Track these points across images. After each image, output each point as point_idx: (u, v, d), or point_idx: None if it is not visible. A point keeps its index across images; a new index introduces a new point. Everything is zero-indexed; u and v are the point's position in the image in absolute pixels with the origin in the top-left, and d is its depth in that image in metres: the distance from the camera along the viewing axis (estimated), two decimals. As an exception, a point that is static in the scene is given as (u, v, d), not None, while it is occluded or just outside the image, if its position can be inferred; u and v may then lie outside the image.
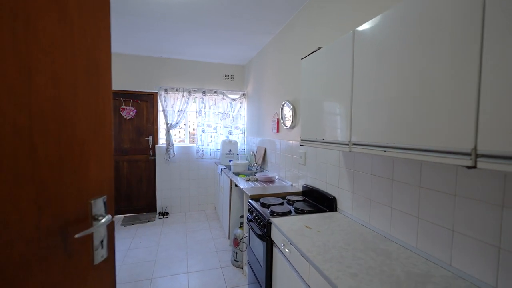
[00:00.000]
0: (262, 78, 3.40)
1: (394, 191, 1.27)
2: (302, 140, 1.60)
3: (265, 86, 3.26)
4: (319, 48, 1.41)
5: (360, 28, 1.09)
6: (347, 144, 1.16)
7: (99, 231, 0.80)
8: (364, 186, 1.49)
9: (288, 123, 2.47)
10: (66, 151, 0.71)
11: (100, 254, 0.81)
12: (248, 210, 2.01)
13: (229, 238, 2.94)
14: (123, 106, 3.81)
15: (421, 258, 1.09)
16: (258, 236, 1.71)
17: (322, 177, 1.93)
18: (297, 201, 1.97)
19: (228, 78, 4.24)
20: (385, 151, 0.94)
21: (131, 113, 3.84)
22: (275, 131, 2.82)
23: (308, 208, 1.76)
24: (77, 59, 0.73)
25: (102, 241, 0.81)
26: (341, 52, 1.22)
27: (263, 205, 1.88)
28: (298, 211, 1.74)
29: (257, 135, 3.65)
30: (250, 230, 1.95)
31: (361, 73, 1.08)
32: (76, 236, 0.69)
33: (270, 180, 2.64)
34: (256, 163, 3.33)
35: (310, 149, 2.10)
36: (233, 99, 4.17)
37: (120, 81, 3.74)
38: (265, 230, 1.62)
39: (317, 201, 1.92)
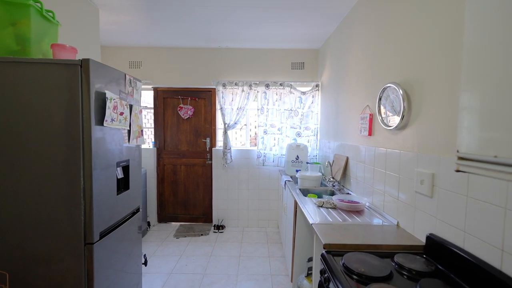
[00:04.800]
0: (344, 59, 2.44)
1: None
2: (467, 160, 0.65)
3: (350, 69, 2.29)
4: None
5: None
6: None
7: None
8: None
9: (393, 121, 1.48)
10: None
11: None
12: (322, 272, 1.16)
13: (291, 281, 2.13)
14: (181, 105, 3.50)
15: None
16: None
17: (485, 234, 0.91)
18: (423, 273, 1.00)
19: (297, 67, 3.42)
20: None
21: (188, 112, 3.50)
22: (366, 133, 1.84)
23: (461, 308, 0.79)
24: None
25: None
26: None
27: (349, 272, 1.00)
28: (435, 311, 0.79)
29: (334, 138, 2.70)
30: (324, 309, 1.10)
31: None
32: None
33: (356, 210, 1.70)
34: (333, 178, 2.40)
35: (449, 172, 1.08)
36: (303, 92, 3.32)
37: (178, 78, 3.42)
38: None
39: (473, 283, 0.91)
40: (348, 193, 2.13)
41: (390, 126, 1.50)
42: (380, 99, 1.61)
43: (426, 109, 1.24)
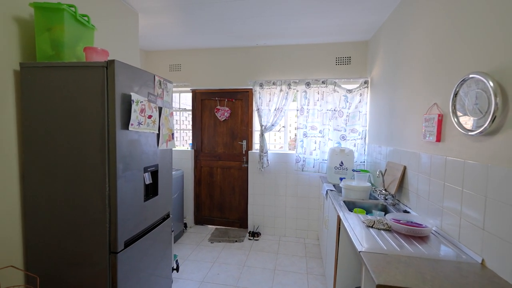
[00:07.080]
0: (402, 47, 2.05)
1: None
2: None
3: (410, 59, 1.91)
4: None
5: None
6: None
7: None
8: None
9: (476, 123, 1.11)
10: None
11: None
12: (374, 324, 0.88)
13: (333, 309, 1.84)
14: (218, 107, 3.44)
15: None
16: None
17: None
18: None
19: (342, 62, 3.07)
20: None
21: (225, 114, 3.42)
22: (433, 138, 1.47)
23: None
24: None
25: None
26: None
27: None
28: None
29: (386, 143, 2.31)
30: None
31: None
32: None
33: (418, 235, 1.35)
34: (386, 190, 2.03)
35: None
36: (349, 91, 2.96)
37: (215, 79, 3.37)
38: None
39: None
40: (405, 211, 1.76)
41: (472, 131, 1.13)
42: (456, 94, 1.24)
43: (536, 107, 0.87)
